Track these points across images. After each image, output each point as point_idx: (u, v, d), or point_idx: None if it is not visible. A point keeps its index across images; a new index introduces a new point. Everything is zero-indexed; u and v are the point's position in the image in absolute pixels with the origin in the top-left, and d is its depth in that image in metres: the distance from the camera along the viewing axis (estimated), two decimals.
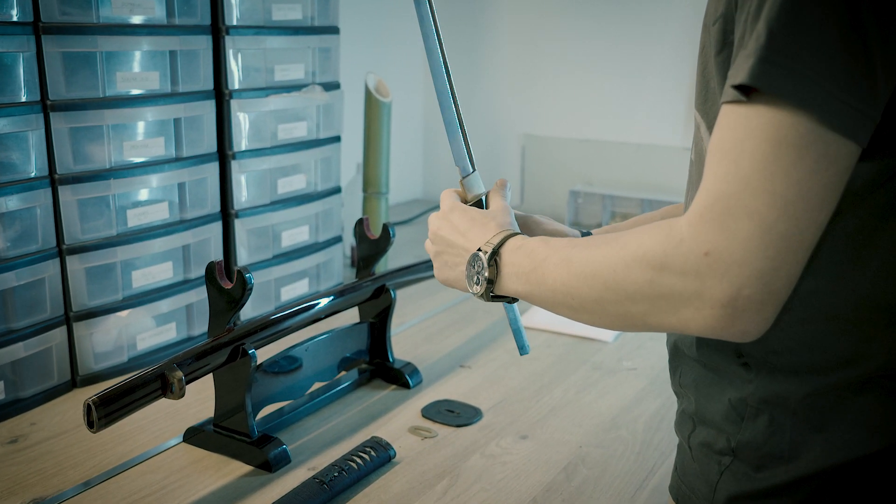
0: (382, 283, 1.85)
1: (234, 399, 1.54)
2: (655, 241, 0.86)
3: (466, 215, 1.19)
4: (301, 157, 2.25)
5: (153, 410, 1.68)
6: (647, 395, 1.81)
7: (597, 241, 0.96)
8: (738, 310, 0.80)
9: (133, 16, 1.81)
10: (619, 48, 3.20)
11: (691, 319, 0.83)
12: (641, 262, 0.87)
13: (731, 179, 0.80)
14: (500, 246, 1.10)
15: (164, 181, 1.92)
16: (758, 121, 0.78)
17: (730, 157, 0.80)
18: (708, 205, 0.81)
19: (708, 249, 0.80)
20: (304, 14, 2.20)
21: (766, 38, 0.78)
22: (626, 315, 0.90)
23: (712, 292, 0.80)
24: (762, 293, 0.79)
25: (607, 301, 0.92)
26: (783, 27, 0.77)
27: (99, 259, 1.80)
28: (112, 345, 1.86)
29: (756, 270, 0.78)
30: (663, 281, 0.84)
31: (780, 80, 0.77)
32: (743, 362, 0.95)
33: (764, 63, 0.78)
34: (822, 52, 0.76)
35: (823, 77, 0.76)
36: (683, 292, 0.83)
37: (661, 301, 0.85)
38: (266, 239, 2.19)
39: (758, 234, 0.78)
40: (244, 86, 2.07)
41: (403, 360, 1.91)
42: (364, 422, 1.69)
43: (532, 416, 1.72)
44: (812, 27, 0.76)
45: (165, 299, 1.95)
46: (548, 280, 1.00)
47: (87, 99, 1.75)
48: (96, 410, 1.26)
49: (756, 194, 0.78)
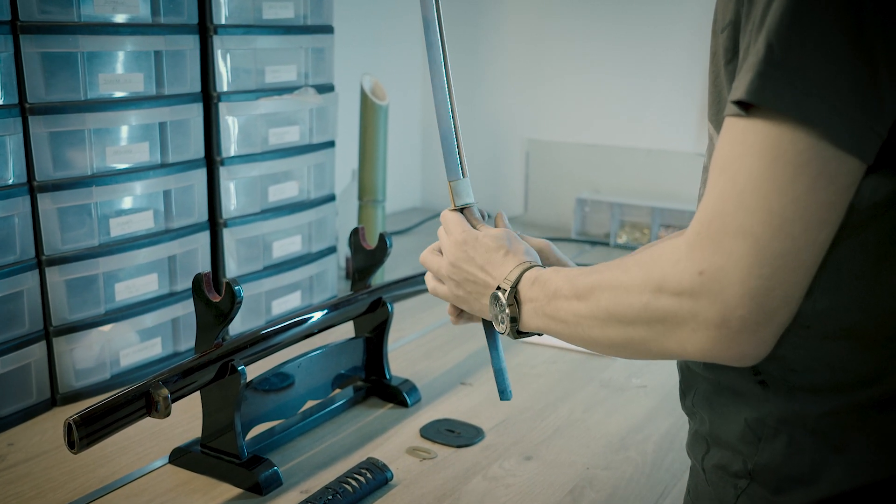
0: (379, 296, 1.85)
1: (222, 418, 1.54)
2: (655, 263, 0.89)
3: (482, 245, 1.23)
4: (293, 164, 2.25)
5: (137, 430, 1.68)
6: (658, 414, 1.81)
7: (603, 267, 1.00)
8: (733, 331, 0.82)
9: (116, 14, 1.81)
10: (628, 47, 3.21)
11: (688, 342, 0.86)
12: (640, 286, 0.90)
13: (726, 197, 0.81)
14: (517, 282, 1.14)
15: (149, 188, 1.92)
16: (755, 136, 0.80)
17: (727, 173, 0.82)
18: (704, 223, 0.83)
19: (703, 268, 0.82)
20: (297, 12, 2.21)
21: (765, 52, 0.79)
22: (630, 342, 0.94)
23: (706, 313, 0.83)
24: (756, 314, 0.81)
25: (611, 329, 0.96)
26: (783, 40, 0.78)
27: (80, 271, 1.80)
28: (94, 361, 1.86)
29: (750, 290, 0.80)
30: (660, 303, 0.87)
31: (779, 94, 0.78)
32: (760, 380, 0.95)
33: (762, 77, 0.79)
34: (825, 64, 0.77)
35: (826, 91, 0.77)
36: (678, 314, 0.85)
37: (658, 325, 0.88)
38: (256, 249, 2.20)
39: (752, 253, 0.80)
40: (233, 88, 2.08)
41: (401, 377, 1.91)
42: (359, 442, 1.69)
43: (537, 437, 1.72)
44: (814, 39, 0.77)
45: (150, 313, 1.95)
46: (560, 313, 1.05)
47: (68, 102, 1.75)
48: (77, 430, 1.26)
49: (751, 212, 0.80)
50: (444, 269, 1.27)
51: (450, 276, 1.26)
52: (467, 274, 1.23)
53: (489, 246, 1.22)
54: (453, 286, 1.27)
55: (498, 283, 1.18)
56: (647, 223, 3.15)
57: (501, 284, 1.16)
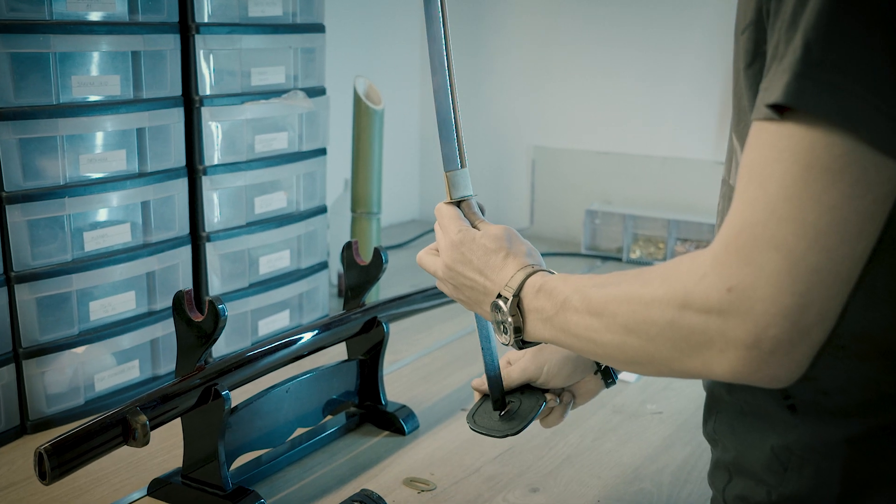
0: (374, 315, 1.85)
1: (205, 447, 1.54)
2: (678, 277, 0.88)
3: (479, 247, 1.21)
4: (281, 173, 2.26)
5: (113, 460, 1.68)
6: (675, 442, 1.81)
7: (618, 279, 0.98)
8: (765, 352, 0.81)
9: (91, 12, 1.82)
10: (642, 47, 3.22)
11: (715, 363, 0.85)
12: (662, 301, 0.88)
13: (757, 207, 0.81)
14: (520, 289, 1.13)
15: (126, 200, 1.93)
16: (788, 141, 0.79)
17: (757, 181, 0.81)
18: (733, 235, 0.82)
19: (731, 285, 0.81)
20: (285, 10, 2.22)
21: (803, 51, 0.78)
22: (650, 360, 0.92)
23: (736, 332, 0.81)
24: (791, 333, 0.80)
25: (629, 346, 0.94)
26: (822, 38, 0.78)
27: (52, 288, 1.81)
28: (67, 385, 1.86)
29: (783, 308, 0.79)
30: (684, 321, 0.86)
31: (820, 97, 0.78)
32: (790, 404, 0.96)
33: (801, 79, 0.78)
34: (868, 64, 0.77)
35: (870, 92, 0.76)
36: (706, 332, 0.84)
37: (683, 343, 0.87)
38: (241, 265, 2.20)
39: (785, 268, 0.79)
40: (217, 91, 2.08)
41: (397, 402, 1.91)
42: (352, 473, 1.69)
43: (544, 466, 1.72)
44: (855, 37, 0.77)
45: (127, 334, 1.95)
46: (570, 325, 1.03)
47: (39, 106, 1.76)
48: (49, 460, 1.26)
49: (783, 223, 0.79)
50: (440, 272, 1.26)
51: (447, 279, 1.25)
52: (464, 279, 1.22)
53: (487, 247, 1.20)
54: (451, 289, 1.26)
55: (499, 289, 1.16)
56: (662, 237, 3.15)
57: (503, 292, 1.15)
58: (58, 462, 1.27)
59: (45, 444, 1.27)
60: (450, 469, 1.70)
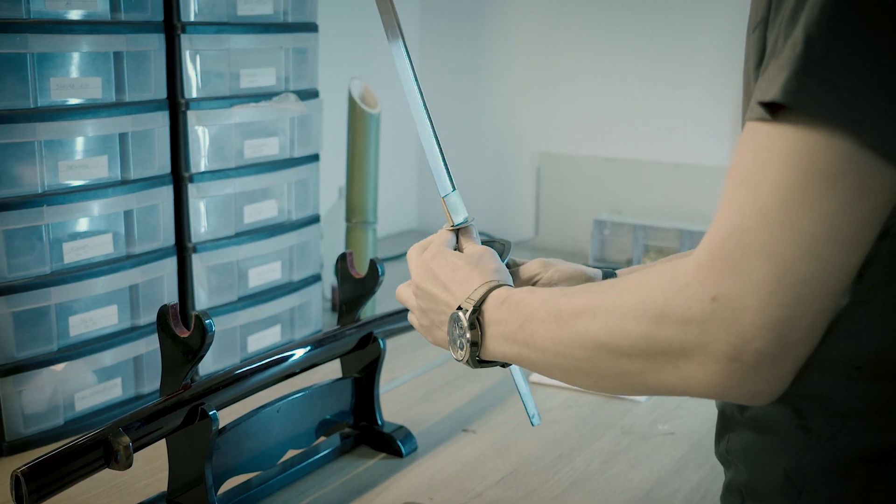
0: (369, 330, 1.86)
1: (191, 469, 1.54)
2: (656, 286, 0.87)
3: (448, 263, 1.23)
4: (272, 180, 2.26)
5: (95, 483, 1.68)
6: (687, 464, 1.81)
7: (591, 289, 0.99)
8: (747, 366, 0.81)
9: (70, 11, 1.83)
10: (652, 49, 3.22)
11: (693, 377, 0.84)
12: (638, 312, 0.88)
13: (747, 212, 0.80)
14: (481, 302, 1.13)
15: (108, 209, 1.93)
16: (783, 143, 0.79)
17: (748, 185, 0.81)
18: (719, 242, 0.82)
19: (716, 294, 0.81)
20: (276, 9, 2.22)
21: (805, 46, 0.78)
22: (622, 374, 0.92)
23: (718, 344, 0.81)
24: (775, 346, 0.79)
25: (600, 359, 0.94)
26: (826, 33, 0.77)
27: (29, 302, 1.81)
28: (45, 405, 1.86)
29: (770, 319, 0.79)
30: (661, 332, 0.86)
31: (822, 96, 0.77)
32: (803, 425, 0.96)
33: (801, 76, 0.78)
34: (874, 64, 0.76)
35: (877, 94, 0.76)
36: (685, 344, 0.84)
37: (660, 356, 0.87)
38: (230, 278, 2.20)
39: (775, 278, 0.78)
40: (204, 94, 2.09)
41: (395, 423, 1.91)
42: (347, 497, 1.69)
43: (549, 491, 1.72)
44: (862, 35, 0.76)
45: (109, 350, 1.95)
46: (536, 338, 1.03)
47: (16, 110, 1.76)
48: (26, 484, 1.26)
49: (775, 230, 0.78)
50: (411, 299, 1.29)
51: (416, 304, 1.27)
52: (430, 297, 1.23)
53: (455, 263, 1.22)
54: (419, 314, 1.28)
55: (459, 302, 1.17)
56: (674, 247, 3.15)
57: (463, 304, 1.15)
58: (35, 486, 1.27)
59: (23, 467, 1.27)
60: (450, 493, 1.70)
